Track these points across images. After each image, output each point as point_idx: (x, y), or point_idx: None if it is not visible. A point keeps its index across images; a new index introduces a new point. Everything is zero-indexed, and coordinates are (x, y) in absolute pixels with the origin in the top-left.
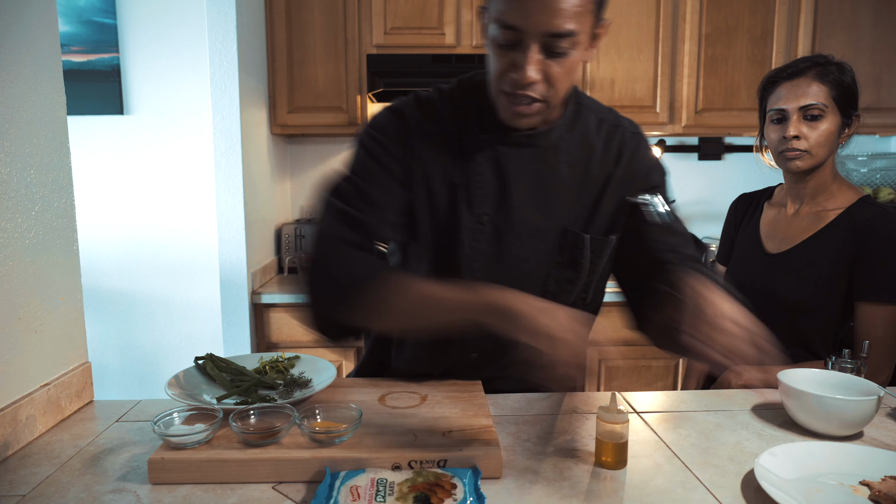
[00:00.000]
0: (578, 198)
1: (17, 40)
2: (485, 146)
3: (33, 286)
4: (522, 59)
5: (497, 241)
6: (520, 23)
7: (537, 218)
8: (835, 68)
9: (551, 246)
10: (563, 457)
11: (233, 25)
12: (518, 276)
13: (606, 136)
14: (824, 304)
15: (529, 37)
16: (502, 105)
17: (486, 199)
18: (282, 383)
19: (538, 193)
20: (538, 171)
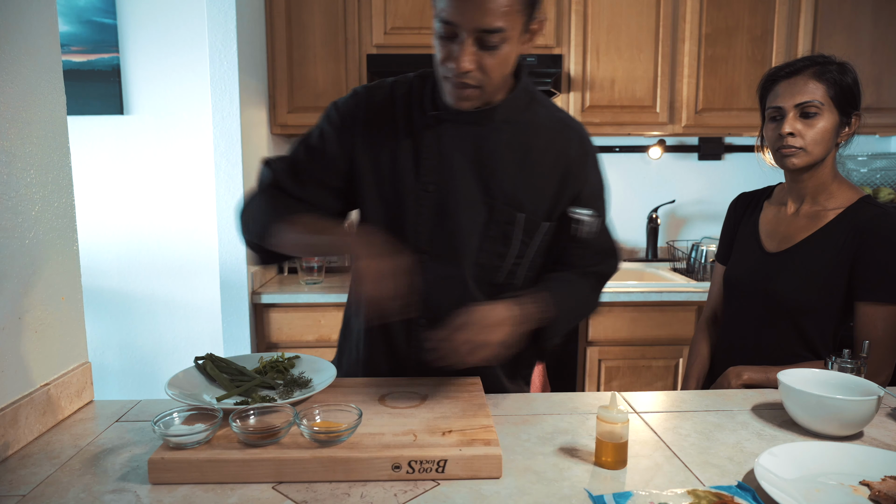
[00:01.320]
0: (517, 179)
1: (17, 40)
2: (432, 122)
3: (33, 286)
4: (458, 51)
5: (439, 208)
6: (456, 19)
7: (475, 190)
8: (835, 68)
9: (487, 218)
10: (563, 457)
11: (233, 25)
12: (456, 244)
13: (554, 131)
14: (824, 304)
15: (464, 31)
16: (445, 88)
17: (431, 170)
18: (282, 383)
19: (477, 167)
20: (478, 147)
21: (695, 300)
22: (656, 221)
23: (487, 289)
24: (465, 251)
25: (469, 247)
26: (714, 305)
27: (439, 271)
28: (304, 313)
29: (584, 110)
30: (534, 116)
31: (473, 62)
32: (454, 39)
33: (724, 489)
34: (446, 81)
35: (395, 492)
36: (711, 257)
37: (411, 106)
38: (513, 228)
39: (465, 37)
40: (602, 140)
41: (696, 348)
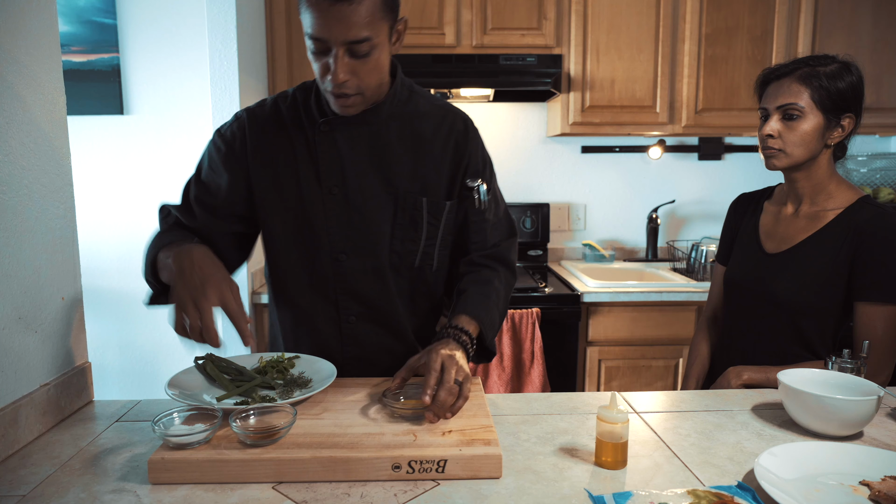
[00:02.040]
0: (413, 167)
1: (18, 40)
2: (324, 129)
3: (33, 286)
4: (333, 65)
5: (347, 208)
6: (324, 35)
7: (377, 185)
8: (831, 70)
9: (394, 209)
10: (563, 457)
11: (233, 25)
12: (370, 237)
13: (437, 117)
14: (824, 305)
15: (334, 45)
16: (330, 100)
17: (332, 173)
18: (282, 383)
19: (375, 163)
20: (372, 144)
21: (695, 300)
22: (656, 221)
23: (407, 274)
24: (379, 243)
25: (382, 238)
26: (714, 306)
27: (358, 266)
28: None
29: (584, 110)
30: (416, 107)
31: (348, 72)
32: (327, 54)
33: (724, 489)
34: (328, 94)
35: (395, 492)
36: (711, 257)
37: (300, 117)
38: (420, 213)
39: (336, 50)
40: (602, 140)
41: (696, 348)
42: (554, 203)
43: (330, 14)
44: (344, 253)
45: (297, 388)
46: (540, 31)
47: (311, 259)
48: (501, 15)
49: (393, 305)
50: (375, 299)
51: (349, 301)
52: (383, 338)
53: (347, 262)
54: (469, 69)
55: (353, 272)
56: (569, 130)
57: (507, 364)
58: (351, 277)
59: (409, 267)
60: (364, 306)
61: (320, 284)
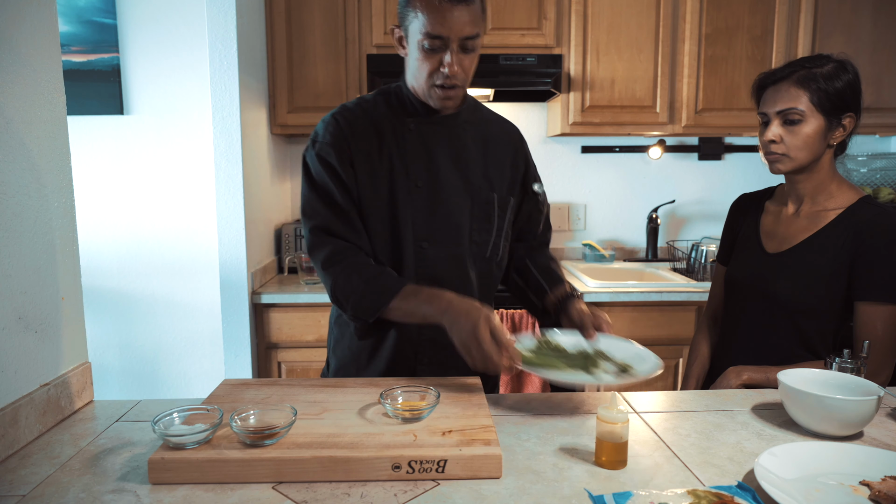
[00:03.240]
0: (484, 166)
1: (18, 40)
2: (412, 128)
3: (33, 286)
4: (449, 59)
5: (431, 199)
6: (444, 32)
7: (457, 180)
8: (828, 71)
9: (471, 203)
10: (563, 457)
11: (233, 25)
12: (451, 227)
13: (498, 124)
14: (824, 305)
15: (452, 42)
16: (435, 95)
17: (418, 169)
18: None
19: (455, 161)
20: (452, 144)
21: (695, 300)
22: (656, 221)
23: (480, 263)
24: (461, 234)
25: (462, 229)
26: (714, 306)
27: (440, 254)
28: (304, 313)
29: (584, 110)
30: (482, 115)
31: (460, 66)
32: (440, 51)
33: (724, 489)
34: (435, 89)
35: (395, 492)
36: (711, 257)
37: (388, 117)
38: (492, 208)
39: (453, 46)
40: (602, 140)
41: (696, 348)
42: (554, 203)
43: (452, 13)
44: (426, 241)
45: (627, 371)
46: (540, 31)
47: (398, 247)
48: (501, 15)
49: (471, 291)
50: (455, 285)
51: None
52: None
53: (430, 250)
54: None
55: (436, 259)
56: (569, 130)
57: None
58: (432, 263)
59: (482, 257)
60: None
61: (404, 271)
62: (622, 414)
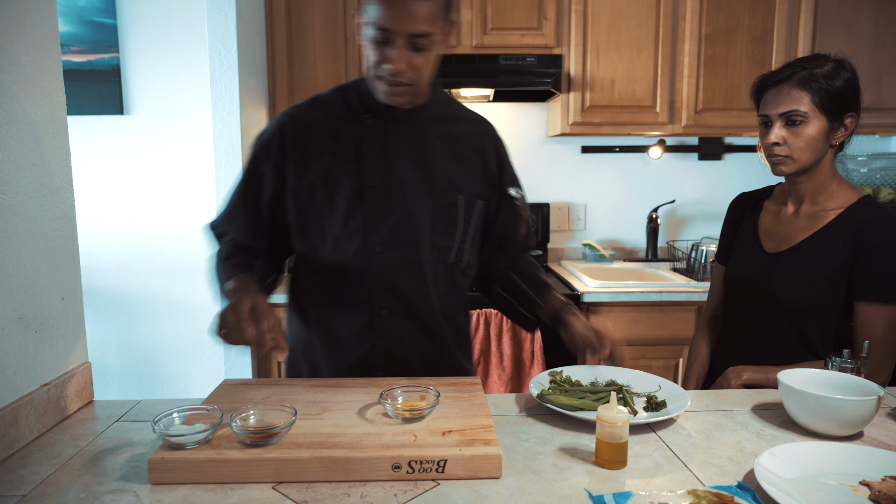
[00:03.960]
0: (451, 166)
1: (18, 40)
2: (368, 125)
3: (33, 286)
4: (393, 54)
5: (388, 201)
6: (390, 25)
7: (417, 181)
8: (827, 71)
9: (432, 205)
10: (563, 457)
11: (233, 25)
12: (408, 231)
13: (471, 122)
14: (824, 305)
15: (397, 36)
16: (379, 88)
17: (374, 167)
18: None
19: (416, 160)
20: (414, 142)
21: (695, 300)
22: (656, 221)
23: (442, 270)
24: (418, 237)
25: (422, 233)
26: (714, 305)
27: (395, 259)
28: None
29: (584, 110)
30: (454, 111)
31: (405, 63)
32: (388, 44)
33: (724, 489)
34: (380, 81)
35: (395, 492)
36: (711, 257)
37: (342, 113)
38: (456, 210)
39: (398, 41)
40: (602, 140)
41: (696, 348)
42: (554, 203)
43: (403, 6)
44: (381, 245)
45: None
46: (540, 31)
47: (348, 251)
48: (501, 15)
49: (427, 300)
50: (410, 293)
51: (382, 293)
52: (414, 333)
53: (384, 255)
54: (469, 69)
55: (389, 264)
56: (569, 130)
57: (507, 364)
58: (386, 269)
59: (444, 262)
60: (397, 299)
61: (356, 277)
62: (622, 414)
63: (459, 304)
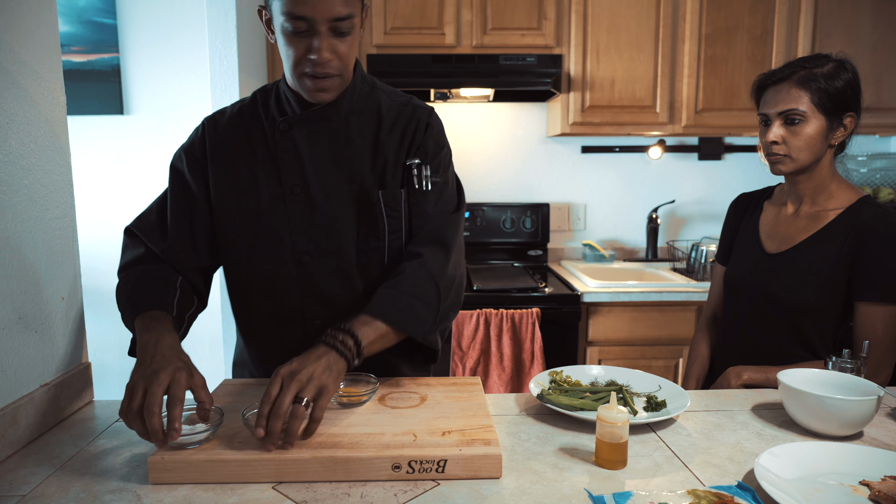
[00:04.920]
0: (372, 162)
1: (18, 40)
2: (283, 127)
3: (33, 286)
4: (317, 43)
5: (309, 208)
6: (309, 13)
7: (338, 182)
8: (827, 70)
9: (355, 207)
10: (563, 457)
11: (233, 26)
12: (334, 237)
13: (398, 112)
14: (824, 305)
15: (319, 23)
16: (306, 86)
17: (293, 173)
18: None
19: (336, 160)
20: (332, 140)
21: (695, 300)
22: (656, 221)
23: (376, 273)
24: (344, 243)
25: (348, 237)
26: (714, 306)
27: (323, 267)
28: None
29: (584, 110)
30: (377, 101)
31: (332, 52)
32: (307, 34)
33: (724, 489)
34: (304, 78)
35: (395, 492)
36: (711, 257)
37: (259, 118)
38: (379, 207)
39: (320, 29)
40: (602, 140)
41: (696, 348)
42: (554, 203)
43: None
44: (307, 254)
45: (657, 408)
46: (540, 31)
47: (274, 262)
48: (501, 15)
49: (360, 307)
50: (342, 302)
51: (314, 304)
52: None
53: (312, 264)
54: (469, 69)
55: (318, 273)
56: (569, 130)
57: (507, 364)
58: (316, 279)
59: (378, 265)
60: (330, 310)
61: (284, 289)
62: (622, 414)
63: None
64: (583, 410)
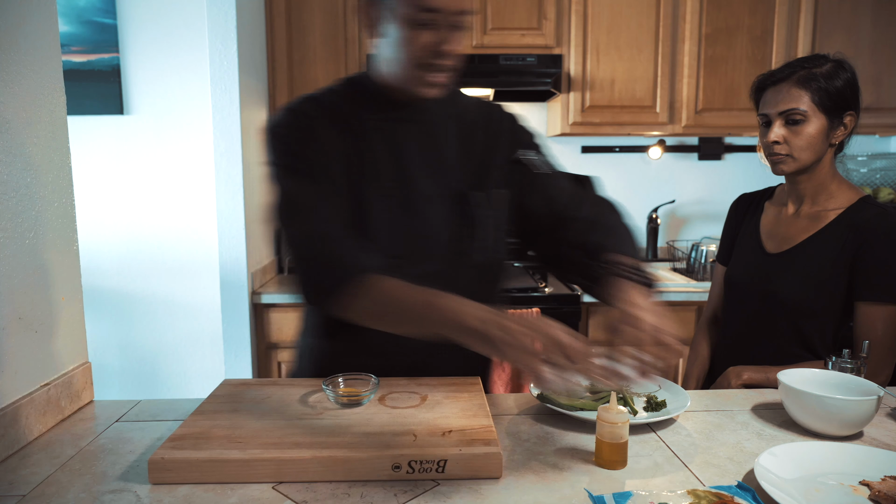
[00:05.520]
0: (466, 162)
1: (18, 40)
2: (376, 126)
3: (33, 286)
4: (446, 35)
5: (402, 209)
6: (439, 4)
7: (431, 184)
8: (824, 71)
9: (449, 208)
10: (563, 457)
11: (233, 25)
12: (427, 239)
13: (484, 110)
14: (824, 305)
15: (447, 16)
16: (418, 78)
17: (385, 174)
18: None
19: (429, 161)
20: (425, 142)
21: (695, 300)
22: (656, 221)
23: (468, 272)
24: (438, 247)
25: (441, 241)
26: (714, 306)
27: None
28: None
29: (584, 110)
30: (459, 101)
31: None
32: (432, 26)
33: (724, 489)
34: (422, 70)
35: (395, 492)
36: (711, 257)
37: (353, 114)
38: (478, 209)
39: (447, 21)
40: (602, 140)
41: (696, 348)
42: None
43: None
44: (398, 257)
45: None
46: (540, 31)
47: None
48: (501, 15)
49: None
50: None
51: None
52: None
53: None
54: (469, 69)
55: (409, 277)
56: (569, 130)
57: (508, 364)
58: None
59: (470, 265)
60: None
61: None
62: (622, 414)
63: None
64: (583, 410)
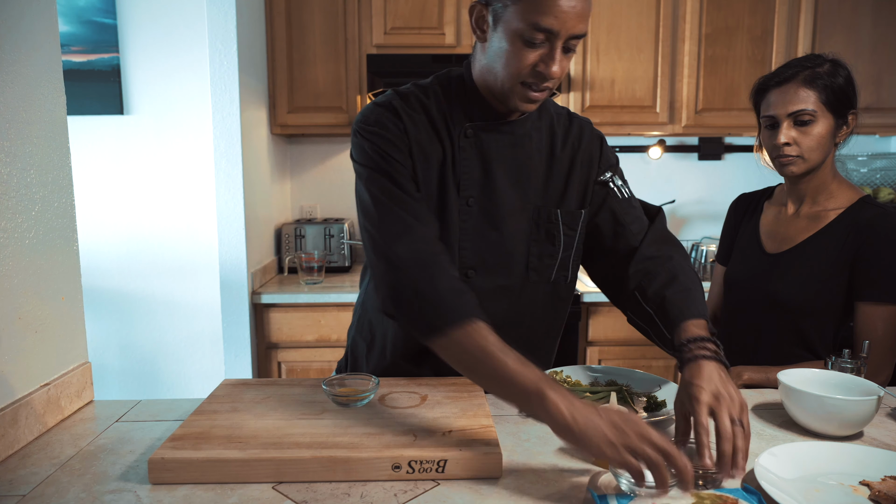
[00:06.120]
0: (548, 178)
1: (18, 40)
2: (470, 133)
3: (33, 286)
4: (552, 56)
5: (482, 221)
6: (556, 26)
7: (515, 199)
8: (827, 69)
9: (529, 224)
10: (563, 457)
11: (233, 26)
12: (504, 253)
13: (566, 124)
14: (824, 305)
15: (559, 38)
16: (517, 93)
17: (471, 183)
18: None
19: (515, 176)
20: (514, 156)
21: None
22: None
23: (542, 290)
24: (513, 260)
25: (517, 255)
26: (714, 306)
27: (488, 284)
28: (304, 313)
29: (584, 110)
30: (550, 116)
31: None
32: (542, 45)
33: (728, 491)
34: (521, 86)
35: (395, 492)
36: (711, 257)
37: (444, 116)
38: (556, 226)
39: (558, 43)
40: None
41: None
42: None
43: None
44: (473, 269)
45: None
46: None
47: None
48: None
49: (524, 323)
50: (505, 318)
51: None
52: None
53: (476, 280)
54: None
55: (482, 290)
56: None
57: None
58: (478, 296)
59: (545, 282)
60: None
61: None
62: None
63: (560, 323)
64: None
